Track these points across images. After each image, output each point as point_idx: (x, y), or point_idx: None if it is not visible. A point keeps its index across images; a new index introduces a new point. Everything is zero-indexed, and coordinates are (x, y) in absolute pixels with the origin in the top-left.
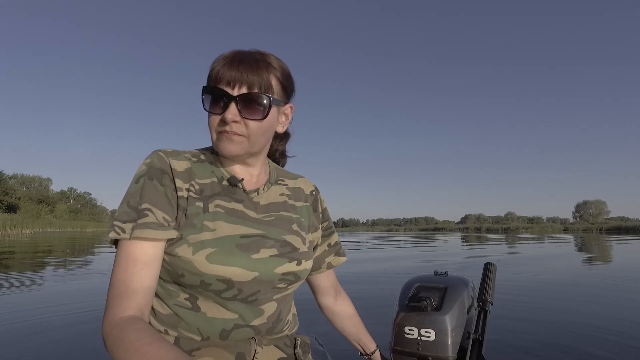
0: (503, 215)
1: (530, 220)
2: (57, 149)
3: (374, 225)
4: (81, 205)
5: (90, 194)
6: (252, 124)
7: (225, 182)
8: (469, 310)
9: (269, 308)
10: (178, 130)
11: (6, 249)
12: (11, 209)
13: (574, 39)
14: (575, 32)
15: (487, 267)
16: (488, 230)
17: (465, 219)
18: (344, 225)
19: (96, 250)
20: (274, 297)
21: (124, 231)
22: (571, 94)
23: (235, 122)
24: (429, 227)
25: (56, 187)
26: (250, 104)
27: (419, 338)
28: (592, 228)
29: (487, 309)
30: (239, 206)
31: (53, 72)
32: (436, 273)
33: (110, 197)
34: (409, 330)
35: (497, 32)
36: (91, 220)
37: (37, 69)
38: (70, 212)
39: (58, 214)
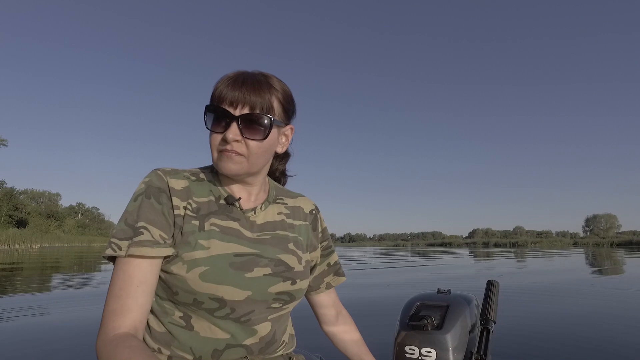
0: (511, 230)
1: (539, 234)
2: (67, 165)
3: (381, 240)
4: (89, 220)
5: (99, 209)
6: (253, 143)
7: (222, 201)
8: (471, 329)
9: (263, 328)
10: (184, 148)
11: (15, 264)
12: (21, 223)
13: (583, 58)
14: (583, 51)
15: (490, 285)
16: (496, 245)
17: (473, 234)
18: (351, 240)
19: (102, 265)
20: (269, 317)
21: (120, 248)
22: (580, 110)
23: (237, 141)
24: (437, 242)
25: (65, 202)
26: (251, 124)
27: (419, 358)
28: (603, 242)
29: (489, 327)
30: (234, 225)
31: (64, 90)
32: (439, 291)
33: (117, 213)
34: (410, 349)
35: (503, 54)
36: (99, 235)
37: (48, 87)
38: (78, 226)
39: (66, 228)
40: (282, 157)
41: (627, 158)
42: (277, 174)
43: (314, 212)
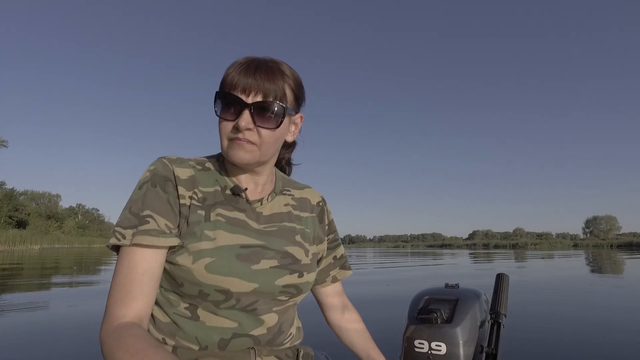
0: (511, 231)
1: (540, 236)
2: (67, 166)
3: (381, 241)
4: (89, 222)
5: (99, 210)
6: (265, 132)
7: (228, 191)
8: (481, 323)
9: (270, 319)
10: (185, 148)
11: (15, 265)
12: (21, 224)
13: (583, 57)
14: (584, 50)
15: (500, 278)
16: (496, 246)
17: (473, 235)
18: (351, 241)
19: (102, 266)
20: (274, 309)
21: (124, 237)
22: (580, 110)
23: (249, 129)
24: (437, 244)
25: (65, 203)
26: (264, 113)
27: (429, 352)
28: (603, 244)
29: (500, 321)
30: (241, 216)
31: (64, 91)
32: (447, 285)
33: (117, 214)
34: (419, 343)
35: (503, 51)
36: (99, 237)
37: (48, 87)
38: (78, 228)
39: (66, 229)
40: (289, 146)
41: (627, 159)
42: (283, 163)
43: (320, 204)
